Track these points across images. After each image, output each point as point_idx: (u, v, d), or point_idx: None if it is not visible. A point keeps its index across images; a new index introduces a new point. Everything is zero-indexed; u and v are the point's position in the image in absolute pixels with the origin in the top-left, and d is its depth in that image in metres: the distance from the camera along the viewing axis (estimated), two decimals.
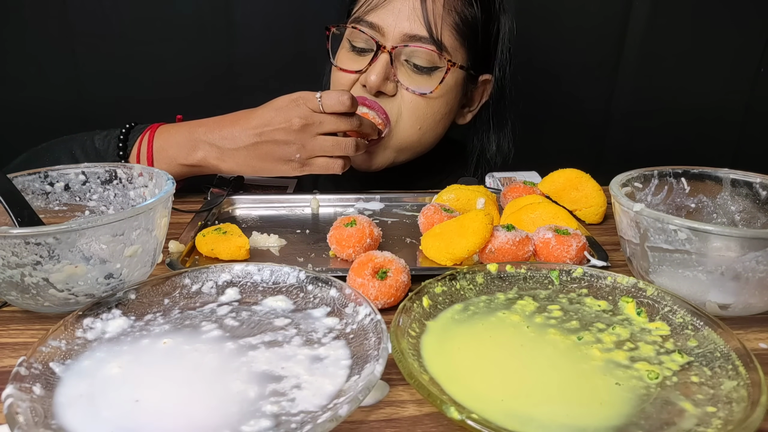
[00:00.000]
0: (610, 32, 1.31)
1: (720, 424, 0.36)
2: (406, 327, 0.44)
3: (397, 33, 0.80)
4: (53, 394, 0.38)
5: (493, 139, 0.95)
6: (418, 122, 0.84)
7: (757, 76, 1.35)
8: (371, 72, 0.80)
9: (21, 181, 0.57)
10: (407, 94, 0.82)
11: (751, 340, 0.49)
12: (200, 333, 0.46)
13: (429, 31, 0.79)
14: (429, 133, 0.87)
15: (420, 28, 0.79)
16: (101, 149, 0.78)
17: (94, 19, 1.20)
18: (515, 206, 0.70)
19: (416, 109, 0.83)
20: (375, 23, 0.81)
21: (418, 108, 0.83)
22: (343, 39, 0.87)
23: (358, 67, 0.83)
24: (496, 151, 0.95)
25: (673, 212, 0.64)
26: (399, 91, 0.82)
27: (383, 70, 0.79)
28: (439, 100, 0.84)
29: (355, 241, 0.61)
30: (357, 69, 0.83)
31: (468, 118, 0.95)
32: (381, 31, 0.80)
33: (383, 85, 0.80)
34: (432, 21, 0.79)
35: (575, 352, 0.44)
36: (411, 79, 0.82)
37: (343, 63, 0.85)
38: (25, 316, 0.51)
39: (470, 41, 0.84)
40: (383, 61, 0.80)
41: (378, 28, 0.80)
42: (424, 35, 0.79)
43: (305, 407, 0.37)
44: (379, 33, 0.81)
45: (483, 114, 0.95)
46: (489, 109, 0.94)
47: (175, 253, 0.62)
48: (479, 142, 0.97)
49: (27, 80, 1.23)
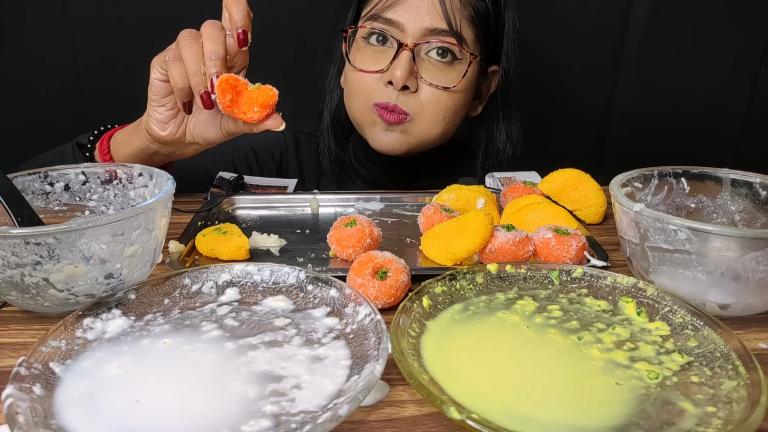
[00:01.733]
0: (611, 32, 1.31)
1: (720, 424, 0.36)
2: (406, 327, 0.44)
3: (418, 28, 0.80)
4: (53, 394, 0.38)
5: (502, 129, 0.96)
6: (441, 114, 0.85)
7: (758, 76, 1.35)
8: (396, 67, 0.80)
9: (21, 181, 0.57)
10: (429, 88, 0.83)
11: (751, 340, 0.49)
12: (200, 333, 0.46)
13: (449, 25, 0.80)
14: (450, 125, 0.88)
15: (440, 21, 0.80)
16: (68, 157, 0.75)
17: (94, 19, 1.20)
18: (515, 206, 0.70)
19: (439, 102, 0.84)
20: (394, 20, 0.81)
21: (440, 101, 0.84)
22: (356, 39, 0.87)
23: (378, 67, 0.83)
24: (506, 141, 0.96)
25: (673, 212, 0.64)
26: (420, 87, 0.83)
27: (407, 65, 0.80)
28: (460, 93, 0.86)
29: (355, 241, 0.61)
30: (378, 69, 0.83)
31: (479, 110, 0.96)
32: (400, 27, 0.81)
33: (408, 80, 0.81)
34: (451, 14, 0.80)
35: (575, 352, 0.44)
36: (433, 75, 0.83)
37: (362, 64, 0.85)
38: (25, 316, 0.51)
39: (483, 33, 0.85)
40: (406, 57, 0.80)
41: (397, 25, 0.81)
42: (445, 28, 0.80)
43: (305, 407, 0.37)
44: (398, 29, 0.81)
45: (491, 106, 0.96)
46: (497, 100, 0.95)
47: (175, 253, 0.62)
48: (486, 134, 0.97)
49: (27, 80, 1.23)
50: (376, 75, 0.83)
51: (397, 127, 0.85)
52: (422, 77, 0.82)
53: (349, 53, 0.87)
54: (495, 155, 0.97)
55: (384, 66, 0.82)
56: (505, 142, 0.96)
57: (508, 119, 0.96)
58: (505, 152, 0.96)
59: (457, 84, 0.83)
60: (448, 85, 0.83)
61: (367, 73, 0.84)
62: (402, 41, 0.81)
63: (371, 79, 0.84)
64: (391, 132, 0.86)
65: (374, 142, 0.88)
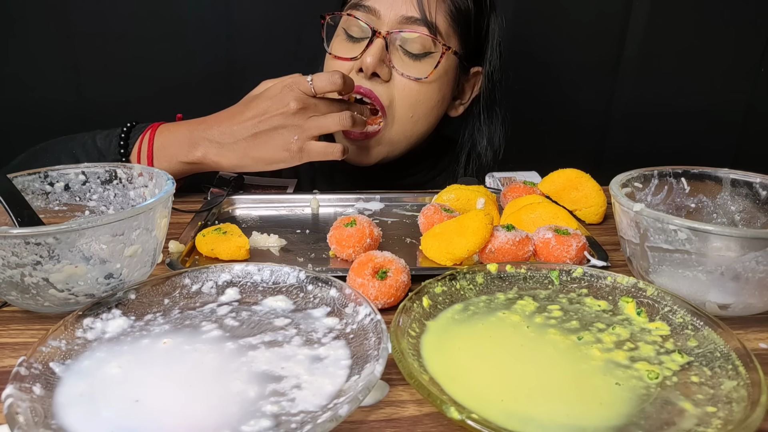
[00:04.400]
0: (611, 32, 1.31)
1: (720, 424, 0.36)
2: (406, 327, 0.44)
3: (393, 16, 0.81)
4: (53, 394, 0.38)
5: (484, 132, 0.96)
6: (410, 109, 0.85)
7: (758, 76, 1.35)
8: (367, 54, 0.80)
9: (21, 181, 0.57)
10: (401, 79, 0.83)
11: (751, 340, 0.49)
12: (200, 333, 0.46)
13: (423, 14, 0.81)
14: (421, 122, 0.87)
15: (415, 10, 0.81)
16: (103, 148, 0.78)
17: (94, 19, 1.20)
18: (515, 206, 0.70)
19: (409, 95, 0.83)
20: (371, 6, 0.82)
21: (411, 94, 0.83)
22: (337, 28, 0.88)
23: (352, 55, 0.83)
24: (487, 145, 0.96)
25: (673, 212, 0.64)
26: (393, 77, 0.83)
27: (379, 52, 0.80)
28: (432, 86, 0.85)
29: (354, 241, 0.61)
30: (352, 56, 0.83)
31: (460, 110, 0.96)
32: (377, 14, 0.81)
33: (379, 67, 0.80)
34: (426, 5, 0.81)
35: (575, 352, 0.44)
36: (405, 65, 0.82)
37: (337, 51, 0.85)
38: (25, 316, 0.51)
39: (463, 29, 0.85)
40: (378, 45, 0.81)
41: (374, 11, 0.82)
42: (418, 17, 0.81)
43: (305, 407, 0.37)
44: (375, 16, 0.82)
45: (474, 107, 0.96)
46: (480, 103, 0.94)
47: (175, 253, 0.62)
48: (470, 137, 0.97)
49: (27, 80, 1.23)
50: (349, 63, 0.83)
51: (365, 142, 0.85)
52: (394, 66, 0.82)
53: (329, 41, 0.88)
54: (475, 159, 0.97)
55: (357, 54, 0.82)
56: (485, 147, 0.96)
57: (490, 123, 0.96)
58: (485, 156, 0.96)
59: (428, 75, 0.82)
60: (419, 77, 0.82)
61: (341, 61, 0.84)
62: (377, 29, 0.81)
63: (345, 67, 0.84)
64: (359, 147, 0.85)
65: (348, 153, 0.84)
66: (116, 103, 1.25)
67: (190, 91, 1.26)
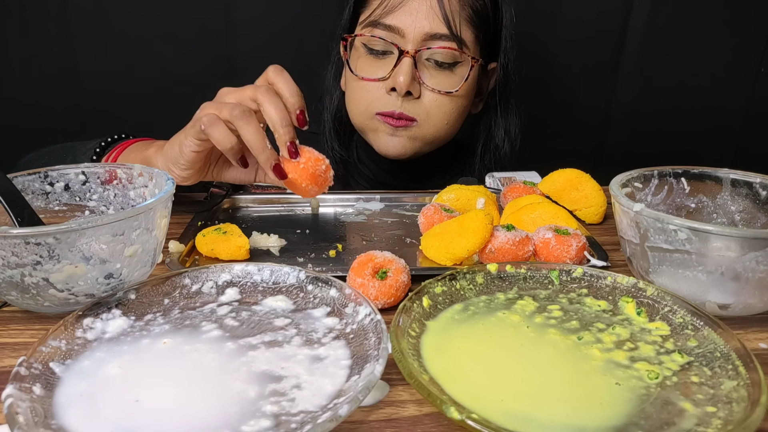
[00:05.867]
0: (611, 31, 1.31)
1: (720, 424, 0.36)
2: (406, 327, 0.44)
3: (417, 33, 0.80)
4: (53, 394, 0.38)
5: (501, 123, 0.96)
6: (445, 118, 0.86)
7: (757, 76, 1.35)
8: (398, 74, 0.80)
9: (21, 181, 0.57)
10: (432, 94, 0.83)
11: (751, 340, 0.49)
12: (200, 333, 0.46)
13: (449, 28, 0.80)
14: (454, 126, 0.90)
15: (440, 25, 0.80)
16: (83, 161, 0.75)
17: (94, 19, 1.20)
18: (515, 206, 0.70)
19: (443, 107, 0.85)
20: (393, 25, 0.81)
21: (444, 105, 0.85)
22: (355, 46, 0.87)
23: (380, 75, 0.83)
24: (504, 136, 0.97)
25: (673, 212, 0.64)
26: (423, 93, 0.84)
27: (410, 71, 0.80)
28: (463, 97, 0.86)
29: (305, 174, 0.57)
30: (380, 77, 0.83)
31: (480, 106, 0.97)
32: (400, 33, 0.81)
33: (411, 86, 0.81)
34: (451, 17, 0.80)
35: (575, 352, 0.44)
36: (435, 80, 0.83)
37: (363, 71, 0.85)
38: (25, 316, 0.51)
39: (483, 33, 0.85)
40: (407, 63, 0.80)
41: (397, 30, 0.81)
42: (445, 32, 0.80)
43: (305, 407, 0.37)
44: (398, 35, 0.81)
45: (490, 100, 0.96)
46: (495, 95, 0.95)
47: (175, 253, 0.62)
48: (485, 130, 0.98)
49: (27, 80, 1.23)
50: (377, 83, 0.83)
51: (403, 132, 0.85)
52: (424, 83, 0.82)
53: (350, 60, 0.87)
54: (494, 151, 0.97)
55: (386, 74, 0.82)
56: (503, 138, 0.96)
57: (506, 114, 0.97)
58: (503, 147, 0.97)
59: (459, 88, 0.84)
60: (450, 90, 0.83)
61: (369, 81, 0.84)
62: (403, 48, 0.80)
63: (373, 87, 0.84)
64: (396, 137, 0.86)
65: (380, 147, 0.88)
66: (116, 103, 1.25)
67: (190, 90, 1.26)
